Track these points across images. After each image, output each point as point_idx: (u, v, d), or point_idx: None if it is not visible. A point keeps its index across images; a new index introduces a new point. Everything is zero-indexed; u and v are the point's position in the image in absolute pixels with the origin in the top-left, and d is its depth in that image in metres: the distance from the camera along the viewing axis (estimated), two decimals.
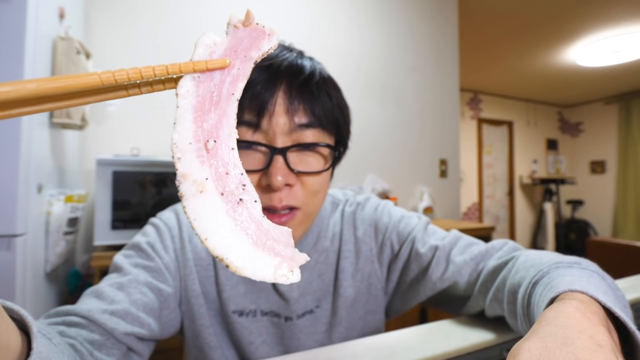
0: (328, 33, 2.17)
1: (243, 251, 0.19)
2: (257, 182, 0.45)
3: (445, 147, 2.64)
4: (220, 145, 0.20)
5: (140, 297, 0.46)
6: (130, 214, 1.34)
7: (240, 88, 0.20)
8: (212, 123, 0.20)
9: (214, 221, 0.19)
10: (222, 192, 0.19)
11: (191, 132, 0.19)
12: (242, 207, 0.20)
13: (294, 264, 0.20)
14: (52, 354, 0.30)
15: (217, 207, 0.19)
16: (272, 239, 0.20)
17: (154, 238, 0.54)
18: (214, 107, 0.20)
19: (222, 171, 0.20)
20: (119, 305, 0.44)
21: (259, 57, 0.21)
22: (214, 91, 0.20)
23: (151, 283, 0.49)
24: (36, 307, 1.09)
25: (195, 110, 0.19)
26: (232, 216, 0.19)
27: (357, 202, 0.64)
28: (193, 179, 0.19)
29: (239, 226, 0.20)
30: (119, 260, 0.51)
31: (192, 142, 0.19)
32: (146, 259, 0.51)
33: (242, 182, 0.20)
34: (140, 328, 0.45)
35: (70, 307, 0.42)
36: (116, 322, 0.42)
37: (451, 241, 0.56)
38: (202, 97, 0.20)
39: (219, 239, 0.19)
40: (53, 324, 0.40)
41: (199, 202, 0.19)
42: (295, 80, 0.45)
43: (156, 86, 0.19)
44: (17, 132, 0.96)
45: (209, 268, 0.56)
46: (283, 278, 0.19)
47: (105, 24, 1.66)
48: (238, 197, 0.20)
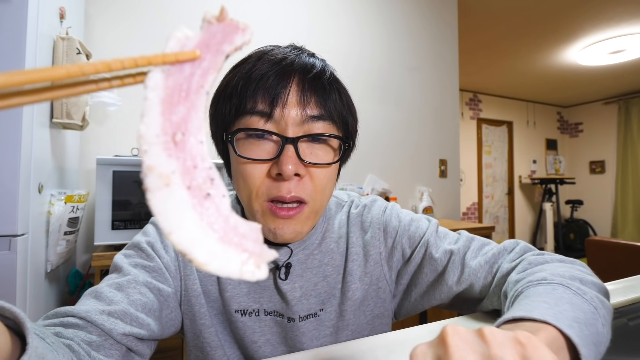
0: (327, 33, 2.17)
1: (208, 246, 0.19)
2: (267, 172, 0.45)
3: (445, 147, 2.65)
4: (189, 138, 0.19)
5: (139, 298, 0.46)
6: (130, 214, 1.34)
7: (211, 81, 0.20)
8: (180, 116, 0.19)
9: (179, 215, 0.19)
10: (189, 185, 0.19)
11: (159, 125, 0.19)
12: (210, 201, 0.19)
13: (262, 260, 0.20)
14: (48, 352, 0.30)
15: (182, 201, 0.19)
16: (239, 234, 0.20)
17: (154, 237, 0.53)
18: (183, 100, 0.19)
19: (189, 164, 0.19)
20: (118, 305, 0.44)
21: (232, 51, 0.21)
22: (184, 84, 0.20)
23: (151, 283, 0.49)
24: (37, 307, 1.09)
25: (163, 103, 0.19)
26: (199, 210, 0.19)
27: (364, 204, 0.63)
28: (159, 172, 0.18)
29: (205, 221, 0.19)
30: (119, 260, 0.51)
31: (159, 134, 0.19)
32: (146, 259, 0.51)
33: (211, 176, 0.20)
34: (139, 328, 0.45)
35: (69, 308, 0.42)
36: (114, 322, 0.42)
37: (464, 244, 0.56)
38: (171, 90, 0.19)
39: (184, 233, 0.18)
40: (51, 325, 0.40)
41: (164, 195, 0.18)
42: (308, 74, 0.46)
43: (126, 80, 0.19)
44: (18, 133, 0.96)
45: None
46: (249, 274, 0.19)
47: (105, 24, 1.66)
48: (205, 192, 0.19)
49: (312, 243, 0.57)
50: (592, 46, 3.61)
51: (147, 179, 0.18)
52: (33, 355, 0.28)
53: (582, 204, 5.50)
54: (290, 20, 2.06)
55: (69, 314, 0.41)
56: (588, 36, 3.43)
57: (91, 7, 1.63)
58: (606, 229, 5.44)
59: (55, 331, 0.39)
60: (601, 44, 3.55)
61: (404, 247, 0.59)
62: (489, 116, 5.20)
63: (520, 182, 5.46)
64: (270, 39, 1.91)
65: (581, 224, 5.41)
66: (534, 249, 0.54)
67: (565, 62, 4.07)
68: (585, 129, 5.84)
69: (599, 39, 3.47)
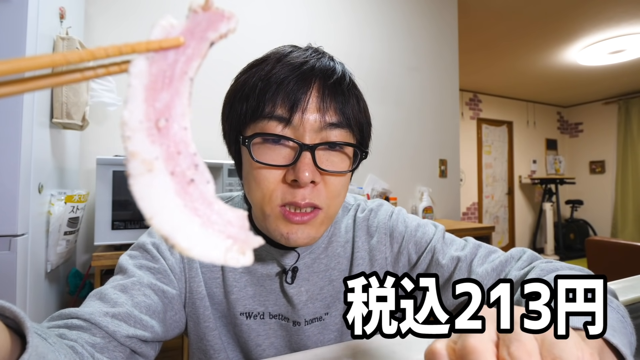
0: (327, 34, 2.17)
1: (192, 232, 0.19)
2: (282, 177, 0.45)
3: (445, 147, 2.65)
4: (172, 125, 0.19)
5: (143, 300, 0.46)
6: (130, 213, 1.34)
7: (195, 67, 0.20)
8: (164, 102, 0.19)
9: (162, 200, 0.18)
10: (173, 171, 0.19)
11: (142, 111, 0.19)
12: (193, 187, 0.19)
13: (246, 247, 0.19)
14: (49, 352, 0.30)
15: (165, 186, 0.19)
16: (224, 221, 0.20)
17: (159, 239, 0.53)
18: (166, 87, 0.19)
19: (173, 151, 0.19)
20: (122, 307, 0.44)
21: (217, 39, 0.21)
22: (167, 70, 0.20)
23: (155, 285, 0.49)
24: (37, 307, 1.10)
25: (147, 89, 0.19)
26: (182, 196, 0.19)
27: (370, 208, 0.63)
28: (142, 158, 0.18)
29: (189, 207, 0.19)
30: (124, 262, 0.51)
31: (142, 120, 0.19)
32: (151, 260, 0.51)
33: (195, 162, 0.20)
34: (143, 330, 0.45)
35: (73, 310, 0.42)
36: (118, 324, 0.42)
37: (471, 251, 0.55)
38: (154, 77, 0.19)
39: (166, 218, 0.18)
40: (55, 327, 0.40)
41: (147, 181, 0.18)
42: (328, 80, 0.46)
43: (112, 68, 0.19)
44: (18, 133, 0.96)
45: (216, 270, 0.55)
46: (233, 260, 0.19)
47: (105, 24, 1.66)
48: (189, 178, 0.19)
49: (318, 247, 0.57)
50: (592, 46, 3.61)
51: (129, 164, 0.18)
52: (33, 354, 0.28)
53: (582, 204, 5.50)
54: (291, 20, 2.07)
55: (73, 316, 0.41)
56: (588, 36, 3.43)
57: (91, 7, 1.64)
58: (606, 229, 5.44)
59: (59, 333, 0.39)
60: (601, 44, 3.55)
61: (410, 253, 0.59)
62: (489, 116, 5.20)
63: (520, 182, 5.46)
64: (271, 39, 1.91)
65: (581, 224, 5.41)
66: (540, 257, 0.53)
67: (565, 62, 4.07)
68: (585, 129, 5.84)
69: (599, 39, 3.47)
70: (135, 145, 0.18)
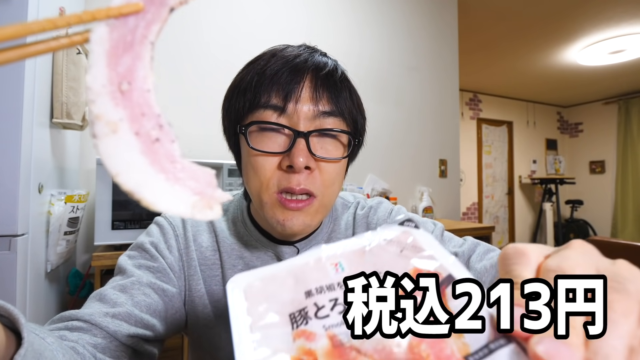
0: (327, 33, 2.17)
1: (158, 187, 0.19)
2: (278, 164, 0.46)
3: (445, 147, 2.65)
4: (135, 87, 0.20)
5: (143, 299, 0.46)
6: (130, 213, 1.34)
7: (155, 31, 0.21)
8: (126, 66, 0.20)
9: (126, 159, 0.19)
10: (137, 132, 0.19)
11: (105, 76, 0.19)
12: (158, 145, 0.20)
13: (214, 201, 0.20)
14: (45, 350, 0.30)
15: (130, 146, 0.19)
16: (192, 177, 0.20)
17: (157, 238, 0.53)
18: (127, 51, 0.20)
19: (137, 112, 0.20)
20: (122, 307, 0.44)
21: (176, 5, 0.21)
22: (128, 35, 0.20)
23: (155, 284, 0.49)
24: (37, 307, 1.09)
25: (108, 55, 0.20)
26: (147, 155, 0.20)
27: (370, 205, 0.63)
28: (106, 120, 0.19)
29: (155, 164, 0.20)
30: (123, 262, 0.51)
31: (105, 84, 0.19)
32: (150, 260, 0.51)
33: (159, 123, 0.20)
34: (144, 329, 0.45)
35: (73, 312, 0.42)
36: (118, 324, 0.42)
37: (469, 248, 0.55)
38: (115, 42, 0.20)
39: (131, 174, 0.19)
40: (56, 329, 0.40)
41: (112, 141, 0.19)
42: (320, 72, 0.48)
43: (74, 38, 0.20)
44: (18, 132, 0.96)
45: (215, 267, 0.55)
46: (200, 214, 0.19)
47: None
48: (154, 137, 0.20)
49: (318, 243, 0.57)
50: (592, 46, 3.61)
51: (94, 127, 0.19)
52: (29, 349, 0.27)
53: (582, 204, 5.50)
54: (291, 19, 2.06)
55: (73, 318, 0.42)
56: (588, 36, 3.43)
57: (91, 7, 1.63)
58: (606, 229, 5.44)
59: (60, 335, 0.39)
60: (601, 44, 3.55)
61: None
62: (489, 116, 5.20)
63: (520, 182, 5.46)
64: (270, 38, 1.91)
65: (581, 224, 5.41)
66: None
67: (565, 62, 4.07)
68: (585, 129, 5.84)
69: (599, 39, 3.47)
70: (99, 108, 0.19)
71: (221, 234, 0.56)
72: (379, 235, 0.28)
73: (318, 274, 0.26)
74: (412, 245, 0.27)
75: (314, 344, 0.22)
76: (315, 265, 0.27)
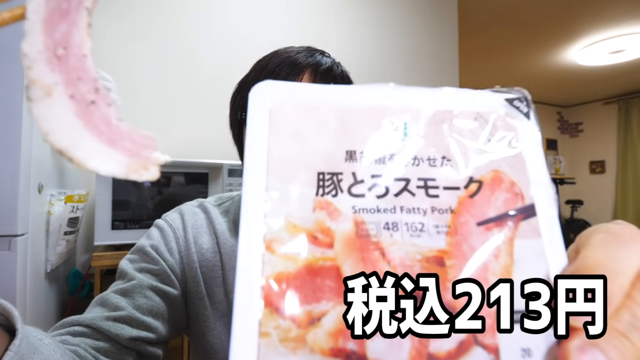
0: (327, 33, 2.17)
1: (91, 147, 0.19)
2: None
3: None
4: (71, 52, 0.20)
5: (145, 302, 0.46)
6: (130, 214, 1.34)
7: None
8: (62, 32, 0.20)
9: (59, 120, 0.19)
10: (72, 95, 0.20)
11: (41, 42, 0.20)
12: (94, 108, 0.20)
13: (150, 163, 0.20)
14: (42, 347, 0.30)
15: (64, 108, 0.19)
16: (128, 139, 0.20)
17: (157, 241, 0.53)
18: (63, 18, 0.20)
19: (73, 76, 0.20)
20: (123, 311, 0.44)
21: None
22: (63, 3, 0.21)
23: (156, 287, 0.49)
24: (37, 307, 1.09)
25: (44, 22, 0.20)
26: (82, 116, 0.20)
27: None
28: (42, 84, 0.19)
29: (89, 125, 0.20)
30: (124, 266, 0.51)
31: (42, 50, 0.20)
32: (150, 263, 0.51)
33: (95, 87, 0.20)
34: (147, 332, 0.45)
35: (74, 317, 0.42)
36: (120, 328, 0.42)
37: None
38: (51, 10, 0.20)
39: (63, 134, 0.19)
40: (58, 335, 0.40)
41: (46, 103, 0.19)
42: (319, 68, 0.49)
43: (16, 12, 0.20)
44: (18, 132, 0.96)
45: (215, 269, 0.55)
46: (136, 175, 0.20)
47: (105, 23, 1.66)
48: (89, 100, 0.20)
49: None
50: (592, 46, 3.61)
51: (30, 91, 0.19)
52: (24, 340, 0.27)
53: (582, 204, 5.50)
54: (291, 20, 2.06)
55: (75, 323, 0.42)
56: (588, 36, 3.43)
57: None
58: None
59: (62, 340, 0.39)
60: (601, 44, 3.55)
61: None
62: None
63: None
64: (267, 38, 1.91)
65: (581, 224, 5.40)
66: None
67: (565, 62, 4.06)
68: (585, 129, 5.84)
69: (599, 39, 3.47)
70: (35, 73, 0.19)
71: (222, 236, 0.56)
72: (469, 103, 0.20)
73: (372, 130, 0.19)
74: (508, 141, 0.19)
75: (335, 223, 0.17)
76: (371, 116, 0.19)
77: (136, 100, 1.68)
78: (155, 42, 1.75)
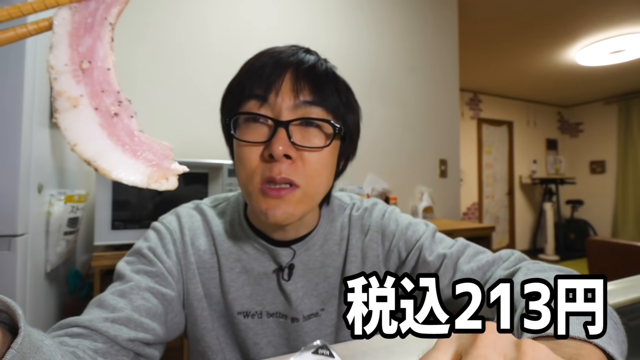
0: (327, 33, 2.17)
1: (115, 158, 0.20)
2: (261, 154, 0.47)
3: (445, 147, 2.65)
4: (96, 66, 0.21)
5: (142, 303, 0.47)
6: (130, 214, 1.34)
7: (114, 14, 0.22)
8: (87, 46, 0.21)
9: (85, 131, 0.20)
10: (97, 107, 0.21)
11: (67, 55, 0.21)
12: (117, 119, 0.21)
13: (170, 173, 0.21)
14: (43, 347, 0.30)
15: (90, 119, 0.20)
16: (149, 150, 0.21)
17: (155, 243, 0.54)
18: (88, 32, 0.21)
19: (97, 89, 0.21)
20: (121, 312, 0.44)
21: None
22: (89, 18, 0.21)
23: (154, 288, 0.49)
24: (36, 307, 1.09)
25: (70, 36, 0.21)
26: (106, 128, 0.21)
27: (365, 207, 0.64)
28: (67, 96, 0.20)
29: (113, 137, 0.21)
30: (121, 268, 0.51)
31: (67, 63, 0.20)
32: (148, 265, 0.51)
33: (119, 99, 0.21)
34: (144, 333, 0.45)
35: (72, 319, 0.42)
36: (118, 329, 0.43)
37: (458, 249, 0.55)
38: (77, 24, 0.21)
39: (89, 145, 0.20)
40: (56, 336, 0.40)
41: (72, 115, 0.20)
42: (302, 65, 0.49)
43: (42, 24, 0.21)
44: (18, 132, 0.96)
45: (213, 270, 0.56)
46: (156, 184, 0.20)
47: None
48: (113, 112, 0.21)
49: (314, 244, 0.58)
50: (592, 46, 3.61)
51: (56, 102, 0.20)
52: (26, 339, 0.27)
53: (583, 204, 5.50)
54: (291, 20, 2.06)
55: (73, 325, 0.42)
56: (588, 36, 3.43)
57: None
58: (607, 229, 5.44)
59: (60, 341, 0.39)
60: (601, 44, 3.55)
61: (400, 250, 0.60)
62: (489, 116, 5.19)
63: (521, 182, 5.46)
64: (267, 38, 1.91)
65: (581, 224, 5.40)
66: (528, 259, 0.53)
67: (565, 62, 4.07)
68: (586, 129, 5.84)
69: (599, 39, 3.47)
70: (61, 85, 0.20)
71: (219, 237, 0.57)
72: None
73: None
74: None
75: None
76: None
77: (136, 100, 1.68)
78: (154, 41, 1.75)
